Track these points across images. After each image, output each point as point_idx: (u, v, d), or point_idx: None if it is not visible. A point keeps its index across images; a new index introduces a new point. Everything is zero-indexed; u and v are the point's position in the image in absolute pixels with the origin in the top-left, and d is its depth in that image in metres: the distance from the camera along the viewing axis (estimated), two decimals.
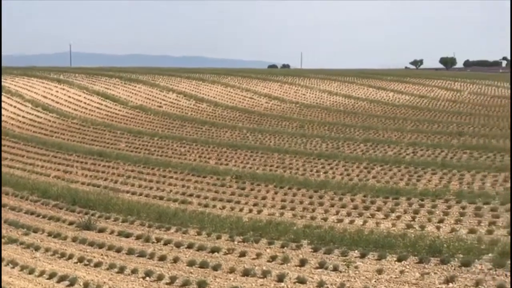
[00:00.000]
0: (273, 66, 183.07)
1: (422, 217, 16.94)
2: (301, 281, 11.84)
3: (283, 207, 18.90)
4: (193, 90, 61.58)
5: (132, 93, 57.52)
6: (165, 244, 14.97)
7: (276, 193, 21.19)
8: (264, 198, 20.41)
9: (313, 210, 18.38)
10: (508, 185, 21.14)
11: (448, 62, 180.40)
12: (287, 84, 70.11)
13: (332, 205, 18.92)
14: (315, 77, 76.55)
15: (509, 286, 10.94)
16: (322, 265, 12.69)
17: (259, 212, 18.40)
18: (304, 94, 64.58)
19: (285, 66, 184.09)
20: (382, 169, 25.26)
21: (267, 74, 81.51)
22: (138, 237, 15.61)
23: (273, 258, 13.38)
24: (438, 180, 22.57)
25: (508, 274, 11.51)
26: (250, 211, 18.59)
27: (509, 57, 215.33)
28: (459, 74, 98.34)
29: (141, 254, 14.08)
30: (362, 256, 13.23)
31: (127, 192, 21.70)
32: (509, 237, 14.22)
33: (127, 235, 15.84)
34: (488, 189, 20.55)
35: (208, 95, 59.71)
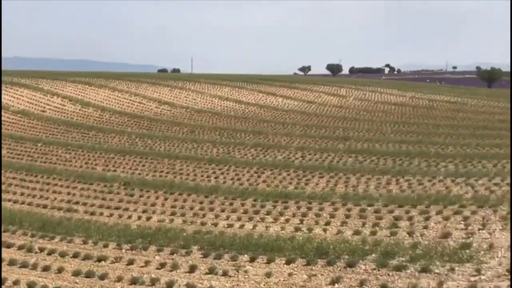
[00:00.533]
0: (163, 70, 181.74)
1: (310, 220, 17.28)
2: (191, 287, 11.72)
3: (173, 213, 18.69)
4: (79, 95, 59.88)
5: (14, 97, 55.07)
6: (49, 254, 14.35)
7: (166, 199, 20.94)
8: (153, 204, 20.11)
9: (204, 216, 18.30)
10: (391, 187, 22.02)
11: (334, 69, 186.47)
12: (177, 89, 69.71)
13: (223, 210, 18.93)
14: (206, 82, 76.63)
15: (393, 286, 11.34)
16: (212, 271, 12.63)
17: (148, 219, 18.10)
18: (194, 99, 64.47)
19: (175, 71, 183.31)
20: (272, 173, 25.60)
21: (156, 78, 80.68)
22: (20, 247, 14.87)
23: (162, 265, 13.17)
24: (325, 184, 23.14)
25: (391, 273, 11.94)
26: (139, 218, 18.25)
27: (391, 65, 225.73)
28: (344, 80, 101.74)
29: (23, 265, 13.41)
30: (252, 260, 13.28)
31: (9, 200, 20.69)
32: (392, 237, 14.77)
33: (8, 246, 15.04)
34: (372, 191, 21.27)
35: (95, 100, 58.26)
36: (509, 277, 11.26)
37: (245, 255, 13.55)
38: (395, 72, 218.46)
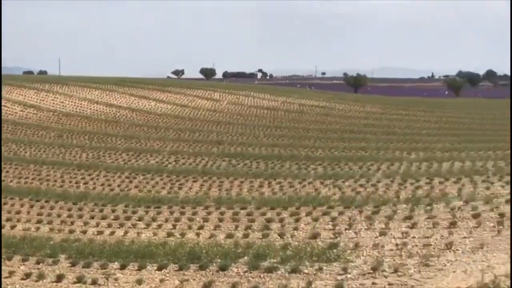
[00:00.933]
0: (29, 73, 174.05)
1: (183, 225, 17.18)
2: None
3: (39, 221, 17.94)
4: None
5: None
6: None
7: (31, 206, 20.10)
8: (18, 212, 19.23)
9: (72, 223, 17.72)
10: (263, 190, 22.38)
11: (208, 73, 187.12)
12: (44, 92, 67.02)
13: (92, 217, 18.42)
14: (75, 85, 74.22)
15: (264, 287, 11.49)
16: (80, 280, 12.18)
17: (13, 227, 17.25)
18: (62, 102, 62.31)
19: (42, 73, 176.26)
20: (144, 178, 25.26)
21: (21, 80, 77.14)
22: None
23: (27, 276, 12.54)
24: (199, 188, 23.15)
25: (262, 275, 12.09)
26: (3, 227, 17.32)
27: (264, 70, 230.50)
28: (218, 84, 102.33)
29: None
30: (122, 267, 12.96)
31: None
32: (263, 239, 14.99)
33: None
34: (245, 194, 21.54)
35: None
36: (373, 275, 11.75)
37: (116, 263, 13.20)
38: (268, 77, 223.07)
